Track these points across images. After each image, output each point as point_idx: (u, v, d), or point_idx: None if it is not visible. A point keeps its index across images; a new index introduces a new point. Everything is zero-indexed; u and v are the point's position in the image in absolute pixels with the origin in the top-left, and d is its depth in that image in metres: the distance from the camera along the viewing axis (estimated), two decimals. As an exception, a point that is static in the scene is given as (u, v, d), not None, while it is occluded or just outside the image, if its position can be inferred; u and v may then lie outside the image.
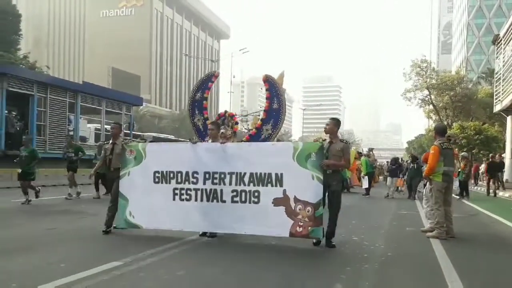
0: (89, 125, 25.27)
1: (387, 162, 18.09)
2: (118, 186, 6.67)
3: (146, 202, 6.48)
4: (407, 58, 40.27)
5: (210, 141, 6.77)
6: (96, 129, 24.44)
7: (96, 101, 23.41)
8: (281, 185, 5.85)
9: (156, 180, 6.48)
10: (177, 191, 6.34)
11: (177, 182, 6.36)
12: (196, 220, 6.25)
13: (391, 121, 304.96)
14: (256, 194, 5.96)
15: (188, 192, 6.29)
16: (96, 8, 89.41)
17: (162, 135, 39.35)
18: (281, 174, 5.85)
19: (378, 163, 23.06)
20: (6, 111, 18.33)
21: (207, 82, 8.35)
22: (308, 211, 5.67)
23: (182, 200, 6.32)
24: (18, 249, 5.60)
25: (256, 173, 5.97)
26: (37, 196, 11.07)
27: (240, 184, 6.04)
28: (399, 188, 18.37)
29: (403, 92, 38.29)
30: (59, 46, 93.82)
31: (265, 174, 5.93)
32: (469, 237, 7.64)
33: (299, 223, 5.71)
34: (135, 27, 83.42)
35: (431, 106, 39.20)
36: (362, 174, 18.29)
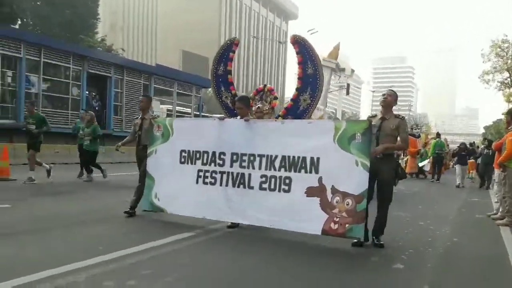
0: (162, 106, 26.39)
1: (458, 147, 16.37)
2: (146, 165, 6.18)
3: (171, 184, 5.90)
4: (487, 38, 37.78)
5: (239, 118, 5.99)
6: (168, 110, 25.44)
7: (168, 83, 24.37)
8: (316, 172, 4.88)
9: (182, 160, 5.86)
10: (201, 173, 5.66)
11: (202, 163, 5.69)
12: (219, 207, 5.49)
13: (467, 105, 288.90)
14: (287, 181, 5.05)
15: (213, 175, 5.57)
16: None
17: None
18: (318, 159, 4.88)
19: (449, 149, 22.00)
20: (86, 92, 19.61)
21: (228, 52, 7.19)
22: (347, 204, 4.65)
23: (206, 183, 5.62)
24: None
25: (289, 157, 5.07)
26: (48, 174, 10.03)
27: (270, 169, 5.18)
28: (471, 174, 17.25)
29: (481, 74, 36.17)
30: (133, 30, 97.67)
31: (298, 157, 5.00)
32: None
33: (335, 218, 4.70)
34: (205, 10, 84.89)
35: (511, 89, 36.70)
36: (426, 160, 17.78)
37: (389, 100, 5.10)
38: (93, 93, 20.88)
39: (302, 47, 6.55)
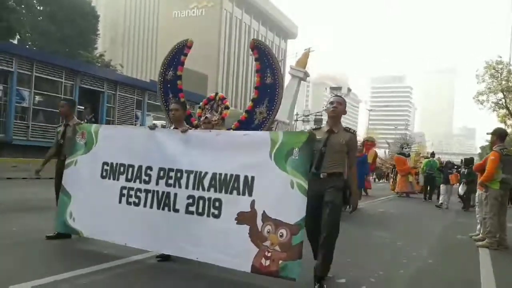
0: (155, 121, 26.40)
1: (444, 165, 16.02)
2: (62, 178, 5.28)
3: (90, 203, 4.97)
4: (484, 59, 38.14)
5: (172, 127, 5.13)
6: (162, 125, 25.38)
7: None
8: (250, 194, 4.02)
9: (104, 174, 4.95)
10: (124, 191, 4.75)
11: (126, 179, 4.79)
12: (142, 233, 4.59)
13: (464, 125, 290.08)
14: (217, 204, 4.18)
15: (138, 193, 4.68)
16: (168, 9, 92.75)
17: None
18: (252, 178, 4.04)
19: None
20: (81, 107, 19.63)
21: (179, 55, 6.39)
22: (281, 236, 3.78)
23: (129, 203, 4.71)
24: None
25: (220, 174, 4.21)
26: None
27: (198, 188, 4.32)
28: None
29: (475, 95, 36.38)
30: (133, 45, 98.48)
31: (231, 176, 4.16)
32: (524, 250, 7.22)
33: (266, 252, 3.83)
34: (204, 28, 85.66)
35: (505, 110, 36.85)
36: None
37: (340, 109, 4.22)
38: (88, 108, 20.92)
39: (262, 53, 5.86)
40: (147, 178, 4.67)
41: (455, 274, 5.18)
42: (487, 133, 7.50)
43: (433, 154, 18.37)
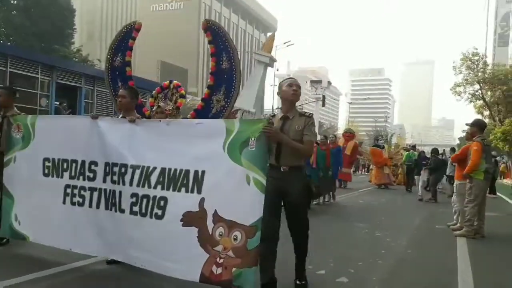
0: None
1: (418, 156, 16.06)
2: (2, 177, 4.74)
3: (34, 203, 4.45)
4: (461, 51, 38.54)
5: (120, 116, 4.50)
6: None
7: (142, 94, 24.20)
8: (199, 191, 3.48)
9: (46, 171, 4.39)
10: (69, 190, 4.22)
11: (70, 177, 4.24)
12: (86, 237, 4.07)
13: (443, 116, 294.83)
14: (161, 203, 3.63)
15: (82, 192, 4.15)
16: (146, 3, 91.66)
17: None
18: (203, 173, 3.49)
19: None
20: (57, 102, 19.25)
21: (127, 39, 5.88)
22: (234, 239, 3.26)
23: (74, 203, 4.18)
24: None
25: (170, 170, 3.66)
26: None
27: (143, 186, 3.76)
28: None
29: (453, 86, 36.99)
30: (111, 40, 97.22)
31: (180, 171, 3.60)
32: (500, 238, 7.39)
33: (218, 258, 3.31)
34: (183, 21, 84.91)
35: (482, 101, 37.56)
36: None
37: (299, 93, 3.78)
38: (64, 104, 20.51)
39: (216, 35, 5.27)
40: (91, 175, 4.10)
41: (432, 263, 5.25)
42: (466, 124, 7.61)
43: (413, 147, 18.53)
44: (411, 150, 17.69)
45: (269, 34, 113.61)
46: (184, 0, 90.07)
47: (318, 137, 11.01)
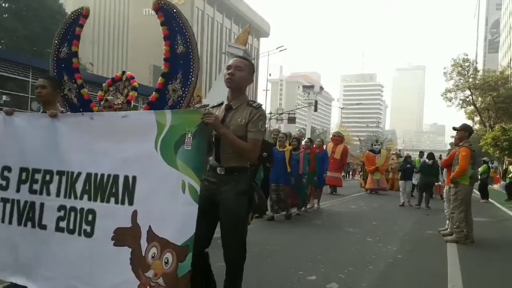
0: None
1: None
2: None
3: None
4: (452, 57, 38.89)
5: (41, 111, 3.96)
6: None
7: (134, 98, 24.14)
8: (130, 202, 2.83)
9: None
10: None
11: None
12: (1, 258, 3.29)
13: (435, 122, 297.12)
14: (90, 217, 2.97)
15: None
16: (139, 7, 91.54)
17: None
18: (134, 179, 2.85)
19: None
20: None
21: (74, 27, 5.25)
22: (165, 262, 2.63)
23: None
24: None
25: (96, 175, 3.00)
26: None
27: (70, 196, 3.08)
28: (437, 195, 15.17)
29: (444, 92, 37.33)
30: (103, 43, 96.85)
31: (109, 177, 2.94)
32: (489, 243, 7.42)
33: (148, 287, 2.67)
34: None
35: (472, 107, 37.94)
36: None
37: (240, 76, 2.96)
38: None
39: (169, 15, 4.69)
40: (4, 183, 3.33)
41: (423, 268, 5.26)
42: (454, 128, 7.65)
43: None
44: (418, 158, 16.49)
45: (261, 39, 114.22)
46: (176, 4, 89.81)
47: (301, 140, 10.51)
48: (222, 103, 3.08)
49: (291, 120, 48.70)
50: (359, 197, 16.13)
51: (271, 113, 50.62)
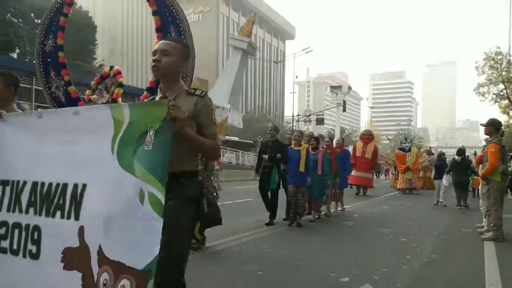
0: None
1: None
2: None
3: None
4: (484, 50, 37.70)
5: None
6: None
7: None
8: (77, 216, 2.32)
9: None
10: None
11: None
12: None
13: (468, 118, 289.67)
14: (35, 234, 2.48)
15: None
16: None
17: (229, 137, 40.30)
18: (83, 187, 2.34)
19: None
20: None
21: (58, 16, 4.79)
22: None
23: None
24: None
25: (43, 184, 2.51)
26: None
27: (13, 210, 2.60)
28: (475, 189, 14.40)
29: (476, 87, 36.30)
30: (132, 54, 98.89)
31: (57, 186, 2.44)
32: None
33: None
34: (202, 33, 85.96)
35: (507, 101, 36.73)
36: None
37: (167, 62, 2.43)
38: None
39: (162, 4, 4.18)
40: None
41: (459, 268, 5.16)
42: (481, 125, 7.47)
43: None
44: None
45: (287, 41, 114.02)
46: (202, 12, 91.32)
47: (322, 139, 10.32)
48: (154, 98, 2.61)
49: (320, 121, 48.41)
50: (392, 197, 15.90)
51: (299, 115, 50.45)
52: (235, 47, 10.46)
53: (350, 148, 17.31)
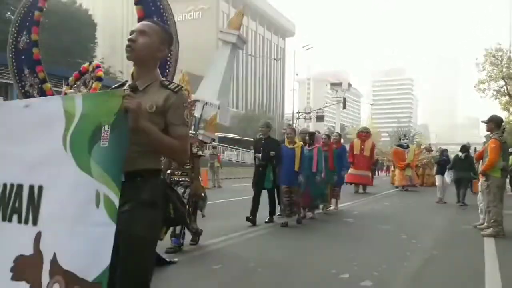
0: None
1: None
2: None
3: None
4: (484, 47, 37.61)
5: None
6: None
7: None
8: (34, 221, 2.07)
9: None
10: None
11: None
12: None
13: (468, 114, 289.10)
14: None
15: None
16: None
17: (229, 135, 40.37)
18: (40, 189, 2.09)
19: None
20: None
21: (32, 11, 4.57)
22: None
23: None
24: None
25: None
26: None
27: None
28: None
29: (476, 83, 36.26)
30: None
31: (11, 187, 2.20)
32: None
33: None
34: (202, 30, 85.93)
35: (507, 97, 36.70)
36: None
37: (144, 44, 2.17)
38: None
39: None
40: None
41: (459, 264, 5.17)
42: (482, 122, 7.49)
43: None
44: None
45: (287, 39, 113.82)
46: (202, 9, 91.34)
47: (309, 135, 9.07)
48: (124, 83, 2.31)
49: (320, 118, 48.37)
50: (392, 194, 15.92)
51: (299, 112, 50.40)
52: (224, 41, 9.60)
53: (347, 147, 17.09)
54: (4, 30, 25.42)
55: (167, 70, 3.59)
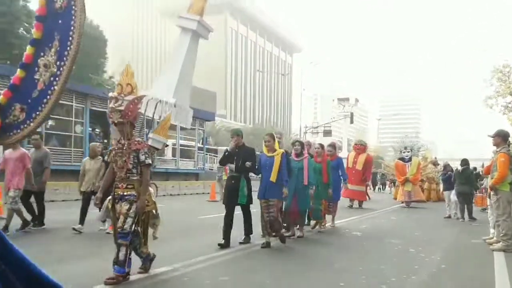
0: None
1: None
2: None
3: None
4: (493, 64, 37.88)
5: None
6: (173, 144, 25.70)
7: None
8: None
9: None
10: None
11: None
12: None
13: (476, 130, 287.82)
14: None
15: None
16: (175, 30, 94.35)
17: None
18: None
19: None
20: (90, 129, 19.90)
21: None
22: None
23: None
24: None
25: None
26: None
27: None
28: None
29: (484, 99, 36.26)
30: (142, 65, 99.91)
31: None
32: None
33: None
34: (211, 46, 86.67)
35: (516, 113, 36.62)
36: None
37: None
38: (97, 130, 21.19)
39: None
40: None
41: (468, 278, 5.13)
42: (489, 136, 7.50)
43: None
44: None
45: (294, 54, 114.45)
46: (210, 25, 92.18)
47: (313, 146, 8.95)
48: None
49: (327, 133, 48.38)
50: (397, 210, 15.75)
51: (306, 126, 50.47)
52: (183, 28, 8.12)
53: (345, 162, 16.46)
54: (17, 45, 25.73)
55: (68, 48, 2.90)
